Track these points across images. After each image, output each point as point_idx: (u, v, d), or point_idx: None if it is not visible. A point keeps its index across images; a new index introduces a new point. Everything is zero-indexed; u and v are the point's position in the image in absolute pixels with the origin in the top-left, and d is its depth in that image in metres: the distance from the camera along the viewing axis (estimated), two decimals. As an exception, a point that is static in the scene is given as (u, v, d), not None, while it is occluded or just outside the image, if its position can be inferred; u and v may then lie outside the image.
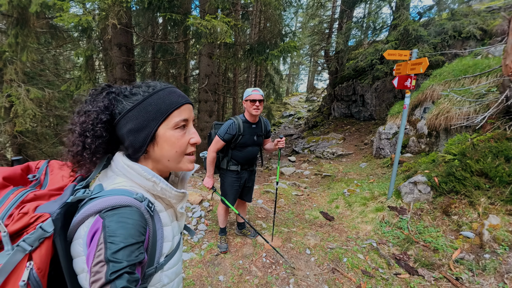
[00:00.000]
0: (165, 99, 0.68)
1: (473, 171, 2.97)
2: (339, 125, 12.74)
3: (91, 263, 0.53)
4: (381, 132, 6.80)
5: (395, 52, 3.09)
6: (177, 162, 0.71)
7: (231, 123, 2.34)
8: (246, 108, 2.34)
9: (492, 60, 4.46)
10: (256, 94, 2.28)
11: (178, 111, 0.69)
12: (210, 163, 2.44)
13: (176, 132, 0.68)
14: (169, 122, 0.68)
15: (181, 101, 0.70)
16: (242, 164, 2.56)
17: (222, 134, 2.35)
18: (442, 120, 4.41)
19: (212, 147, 2.41)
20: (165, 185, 0.69)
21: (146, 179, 0.66)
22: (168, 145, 0.68)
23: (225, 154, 2.55)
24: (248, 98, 2.29)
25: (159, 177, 0.68)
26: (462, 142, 3.75)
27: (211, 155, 2.41)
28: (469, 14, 6.30)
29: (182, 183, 0.86)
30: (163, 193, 0.69)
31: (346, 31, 8.19)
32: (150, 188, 0.67)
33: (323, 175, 6.16)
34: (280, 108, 27.72)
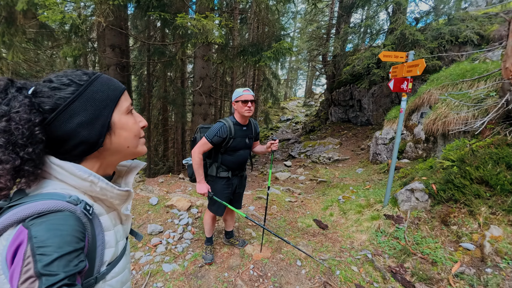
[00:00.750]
0: (109, 85, 0.64)
1: (473, 178, 2.83)
2: (336, 129, 12.65)
3: (17, 282, 0.44)
4: (378, 137, 6.68)
5: (391, 53, 2.97)
6: (135, 146, 0.69)
7: (221, 125, 2.17)
8: (237, 110, 2.21)
9: (490, 65, 4.36)
10: (247, 94, 2.16)
11: (124, 96, 0.67)
12: (198, 166, 2.23)
13: (129, 117, 0.67)
14: (121, 108, 0.65)
15: (122, 86, 0.68)
16: (233, 169, 2.39)
17: (210, 137, 2.17)
18: (440, 125, 4.29)
19: (197, 149, 2.20)
20: (105, 184, 0.62)
21: (82, 179, 0.59)
22: (126, 131, 0.66)
23: (214, 160, 2.39)
24: (240, 99, 2.16)
25: (98, 175, 0.61)
26: (461, 148, 3.62)
27: (197, 157, 2.21)
28: (466, 19, 6.25)
29: (127, 181, 0.79)
30: (103, 194, 0.63)
31: (343, 35, 8.12)
32: (87, 189, 0.61)
33: (318, 180, 6.00)
34: (278, 112, 27.73)
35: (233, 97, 2.22)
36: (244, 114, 2.17)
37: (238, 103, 2.18)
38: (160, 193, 4.41)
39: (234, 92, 2.22)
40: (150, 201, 4.00)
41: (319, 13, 17.98)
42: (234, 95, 2.21)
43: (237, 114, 2.25)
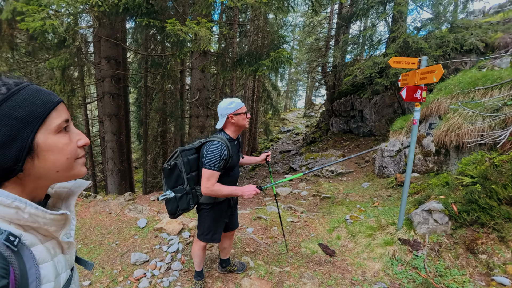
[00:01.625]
0: (34, 100, 0.54)
1: (501, 198, 2.48)
2: (338, 141, 12.35)
3: None
4: (384, 149, 6.35)
5: (401, 59, 2.69)
6: (69, 170, 0.60)
7: (220, 145, 1.85)
8: (237, 123, 1.96)
9: (503, 72, 4.09)
10: (244, 105, 1.98)
11: (57, 112, 0.57)
12: (223, 189, 1.87)
13: (60, 137, 0.57)
14: (48, 126, 0.55)
15: (55, 100, 0.57)
16: None
17: (215, 164, 1.83)
18: (453, 136, 3.97)
19: (208, 186, 1.84)
20: (35, 209, 0.54)
21: (4, 206, 0.51)
22: (55, 153, 0.56)
23: None
24: (241, 111, 1.95)
25: (24, 200, 0.53)
26: (479, 162, 3.28)
27: (215, 188, 1.85)
28: (470, 26, 6.06)
29: (68, 203, 0.70)
30: (34, 221, 0.55)
31: (343, 45, 7.96)
32: (13, 217, 0.52)
33: (322, 196, 5.63)
34: (278, 123, 27.62)
35: (231, 109, 1.93)
36: (246, 127, 2.01)
37: (240, 115, 1.95)
38: (150, 214, 4.04)
39: (229, 103, 1.93)
40: (138, 224, 3.62)
41: (318, 25, 18.15)
42: (233, 107, 1.93)
43: (233, 128, 1.99)
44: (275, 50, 3.94)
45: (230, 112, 1.93)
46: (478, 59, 5.29)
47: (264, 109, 22.43)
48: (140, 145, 16.77)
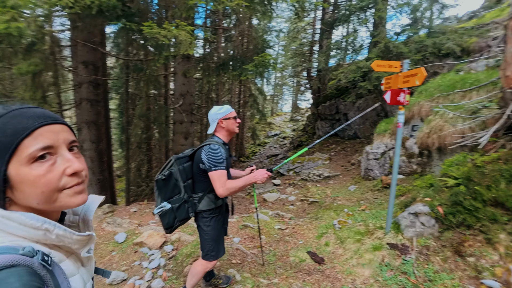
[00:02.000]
0: (6, 129, 0.50)
1: (486, 200, 2.48)
2: (324, 144, 12.44)
3: None
4: (369, 152, 6.40)
5: (384, 63, 2.68)
6: (51, 203, 0.55)
7: (218, 147, 1.88)
8: (227, 127, 1.98)
9: (480, 74, 4.22)
10: (233, 110, 2.03)
11: (32, 138, 0.51)
12: (235, 185, 1.81)
13: (33, 168, 0.52)
14: (20, 156, 0.51)
15: (32, 125, 0.52)
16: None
17: (222, 164, 1.82)
18: (435, 138, 4.03)
19: (221, 185, 1.79)
20: (63, 230, 0.56)
21: (34, 229, 0.52)
22: (28, 186, 0.52)
23: (207, 190, 1.96)
24: (231, 116, 1.99)
25: (53, 222, 0.54)
26: (462, 163, 3.32)
27: (228, 186, 1.80)
28: (447, 32, 6.29)
29: (86, 220, 0.70)
30: (60, 241, 0.56)
31: (326, 49, 8.06)
32: (41, 238, 0.54)
33: (310, 201, 5.57)
34: (265, 128, 27.66)
35: (221, 115, 1.97)
36: (236, 131, 2.02)
37: (229, 120, 1.99)
38: (130, 227, 3.81)
39: (218, 109, 1.99)
40: (116, 238, 3.39)
41: (302, 30, 18.46)
42: (222, 112, 1.98)
43: (224, 132, 2.01)
44: (258, 55, 3.88)
45: (220, 117, 1.96)
46: (455, 62, 5.48)
47: (251, 114, 22.41)
48: (122, 152, 16.22)
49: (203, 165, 1.87)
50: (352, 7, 7.59)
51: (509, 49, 2.62)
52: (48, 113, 0.57)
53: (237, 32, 10.48)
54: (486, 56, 5.75)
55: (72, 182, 0.57)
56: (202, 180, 1.94)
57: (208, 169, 1.82)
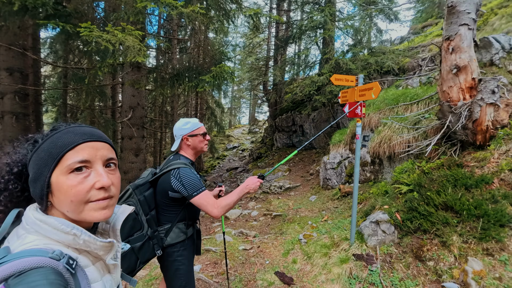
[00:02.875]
0: (57, 141, 0.61)
1: (437, 204, 2.65)
2: (282, 155, 12.69)
3: None
4: (326, 162, 6.64)
5: (342, 77, 2.77)
6: (77, 213, 0.62)
7: (189, 169, 1.61)
8: (193, 145, 1.73)
9: (418, 89, 4.73)
10: (202, 126, 1.78)
11: (74, 152, 0.61)
12: (233, 201, 1.58)
13: (69, 178, 0.60)
14: (62, 166, 0.60)
15: (76, 140, 0.62)
16: (194, 219, 1.82)
17: (201, 185, 1.58)
18: (386, 147, 4.31)
19: (212, 204, 1.55)
20: (88, 236, 0.62)
21: (65, 233, 0.59)
22: (61, 193, 0.60)
23: (177, 219, 1.68)
24: (198, 132, 1.73)
25: (80, 228, 0.61)
26: (411, 170, 3.57)
27: (220, 203, 1.56)
28: (386, 52, 7.04)
29: (115, 228, 0.76)
30: (87, 246, 0.63)
31: (282, 64, 8.33)
32: (71, 243, 0.60)
33: (273, 215, 5.44)
34: (223, 140, 27.33)
35: (186, 130, 1.71)
36: (204, 150, 1.77)
37: (196, 137, 1.72)
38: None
39: (184, 124, 1.71)
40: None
41: (257, 46, 19.09)
42: (188, 127, 1.71)
43: (189, 150, 1.75)
44: (216, 66, 3.72)
45: (185, 133, 1.69)
46: (394, 79, 6.10)
47: (209, 127, 21.95)
48: None
49: (174, 193, 1.59)
50: (303, 27, 8.06)
51: (444, 67, 2.93)
52: (95, 132, 0.66)
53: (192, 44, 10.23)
54: (418, 74, 6.56)
55: (99, 195, 0.62)
56: (170, 209, 1.66)
57: (188, 196, 1.55)
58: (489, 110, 2.70)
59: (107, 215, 0.64)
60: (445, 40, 2.88)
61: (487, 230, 2.29)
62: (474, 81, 2.75)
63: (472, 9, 2.66)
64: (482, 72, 3.30)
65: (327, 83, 6.59)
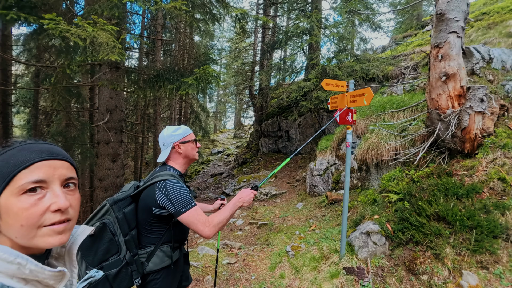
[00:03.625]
0: (10, 159, 0.56)
1: (429, 215, 2.57)
2: (268, 161, 12.56)
3: None
4: (313, 168, 6.55)
5: (332, 82, 2.65)
6: (28, 238, 0.55)
7: (177, 182, 1.40)
8: (185, 153, 1.54)
9: (404, 97, 4.75)
10: (192, 132, 1.61)
11: (28, 171, 0.55)
12: (226, 218, 1.40)
13: (21, 200, 0.54)
14: (13, 186, 0.54)
15: (32, 158, 0.56)
16: (181, 241, 1.58)
17: (190, 200, 1.37)
18: (373, 155, 4.26)
19: (203, 222, 1.34)
20: (35, 265, 0.55)
21: (7, 262, 0.53)
22: (11, 217, 0.54)
23: (159, 243, 1.44)
24: (190, 139, 1.56)
25: (26, 257, 0.55)
26: (400, 178, 3.52)
27: (211, 220, 1.36)
28: (371, 59, 7.14)
29: (70, 255, 0.69)
30: (34, 276, 0.56)
31: (268, 69, 8.24)
32: (16, 273, 0.54)
33: (259, 224, 5.24)
34: (208, 145, 26.91)
35: (178, 137, 1.53)
36: (196, 158, 1.61)
37: (188, 144, 1.55)
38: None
39: (174, 130, 1.54)
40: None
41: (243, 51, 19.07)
42: (179, 133, 1.54)
43: (180, 160, 1.56)
44: (200, 67, 3.49)
45: (176, 140, 1.52)
46: (379, 86, 6.16)
47: (193, 131, 21.48)
48: None
49: (159, 210, 1.38)
50: (290, 32, 8.04)
51: (433, 75, 2.90)
52: (54, 149, 0.61)
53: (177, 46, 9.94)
54: (402, 82, 6.68)
55: (54, 219, 0.56)
56: (153, 228, 1.43)
57: (175, 213, 1.34)
58: (478, 119, 2.69)
59: (63, 240, 0.59)
60: (434, 47, 2.86)
61: (481, 241, 2.22)
62: (463, 89, 2.74)
63: (461, 17, 2.66)
64: (470, 80, 3.33)
65: (314, 88, 6.56)
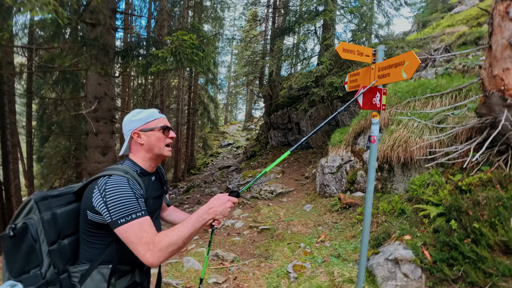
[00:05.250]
0: None
1: (491, 244, 1.77)
2: (277, 154, 11.84)
3: None
4: (324, 166, 5.75)
5: (353, 47, 1.86)
6: None
7: (124, 182, 1.02)
8: (147, 145, 1.14)
9: (440, 79, 3.84)
10: (163, 117, 1.21)
11: None
12: (182, 238, 0.97)
13: None
14: None
15: None
16: (134, 263, 1.13)
17: (133, 209, 0.98)
18: (401, 152, 3.42)
19: (145, 243, 0.95)
20: None
21: None
22: None
23: (97, 261, 1.05)
24: (154, 125, 1.15)
25: None
26: (439, 184, 2.68)
27: (163, 243, 0.95)
28: (395, 40, 6.14)
29: None
30: None
31: (277, 52, 7.39)
32: None
33: (260, 228, 4.55)
34: (218, 137, 26.52)
35: (136, 123, 1.15)
36: (164, 154, 1.18)
37: (151, 132, 1.15)
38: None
39: (135, 115, 1.16)
40: None
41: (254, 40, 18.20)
42: (139, 119, 1.15)
43: (142, 153, 1.17)
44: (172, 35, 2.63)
45: (135, 127, 1.14)
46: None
47: (202, 123, 21.05)
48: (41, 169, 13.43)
49: (95, 216, 1.01)
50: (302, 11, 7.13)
51: (497, 42, 2.03)
52: None
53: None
54: (431, 65, 5.68)
55: None
56: (92, 240, 1.07)
57: (112, 223, 0.97)
58: None
59: None
60: (500, 1, 1.99)
61: None
62: (547, 60, 1.88)
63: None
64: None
65: (327, 74, 5.68)
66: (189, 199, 9.70)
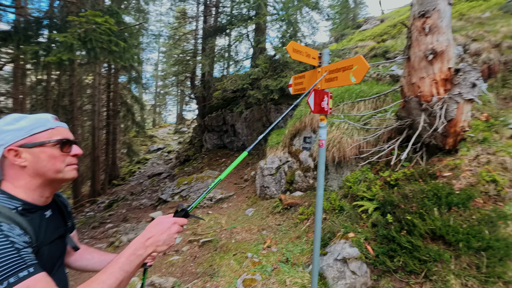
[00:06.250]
0: None
1: (423, 233, 1.96)
2: (213, 158, 11.46)
3: None
4: (263, 167, 5.77)
5: (302, 48, 1.79)
6: None
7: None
8: (33, 166, 0.79)
9: (363, 86, 4.30)
10: (62, 126, 0.86)
11: None
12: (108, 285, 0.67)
13: None
14: None
15: None
16: None
17: (16, 265, 0.64)
18: (335, 152, 3.66)
19: None
20: None
21: None
22: None
23: None
24: (48, 138, 0.81)
25: None
26: (371, 180, 2.94)
27: None
28: (321, 48, 6.69)
29: None
30: None
31: (210, 52, 7.08)
32: None
33: (200, 242, 4.18)
34: (145, 141, 24.09)
35: (18, 134, 0.77)
36: (65, 177, 0.84)
37: (41, 148, 0.79)
38: None
39: (10, 122, 0.78)
40: None
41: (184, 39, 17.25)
42: (23, 127, 0.78)
43: (24, 180, 0.80)
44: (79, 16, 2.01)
45: (11, 142, 0.77)
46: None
47: (125, 126, 18.64)
48: None
49: None
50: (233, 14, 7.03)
51: (415, 53, 2.32)
52: None
53: None
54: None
55: None
56: None
57: None
58: (467, 108, 2.22)
59: None
60: (418, 17, 2.28)
61: (493, 268, 1.68)
62: (450, 71, 2.24)
63: (450, -21, 2.13)
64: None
65: (263, 76, 5.73)
66: (112, 216, 8.32)
